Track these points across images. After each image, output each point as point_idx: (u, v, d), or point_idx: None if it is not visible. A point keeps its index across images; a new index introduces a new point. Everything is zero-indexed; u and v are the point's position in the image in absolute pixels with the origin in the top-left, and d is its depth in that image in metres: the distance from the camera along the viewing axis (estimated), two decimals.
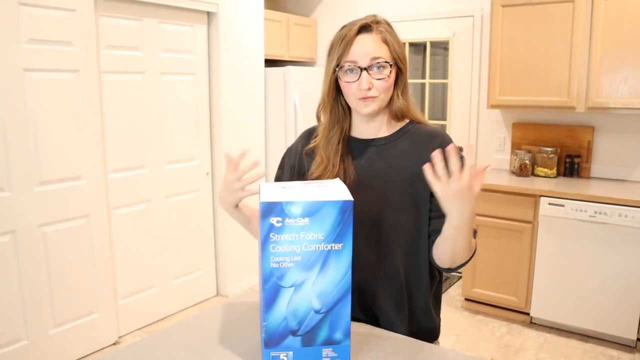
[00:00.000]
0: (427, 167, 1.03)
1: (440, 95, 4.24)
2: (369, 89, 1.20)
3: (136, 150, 3.15)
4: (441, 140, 1.26)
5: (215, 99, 3.60)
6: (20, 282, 2.60)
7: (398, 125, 1.31)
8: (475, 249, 1.22)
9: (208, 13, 3.51)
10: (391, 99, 1.27)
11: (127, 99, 3.06)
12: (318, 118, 1.34)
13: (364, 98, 1.22)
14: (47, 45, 2.61)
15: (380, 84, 1.21)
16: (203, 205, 3.65)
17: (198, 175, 3.59)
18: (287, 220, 0.98)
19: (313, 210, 0.98)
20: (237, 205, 1.27)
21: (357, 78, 1.20)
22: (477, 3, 3.81)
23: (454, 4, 3.92)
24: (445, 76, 4.15)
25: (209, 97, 3.62)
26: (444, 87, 4.16)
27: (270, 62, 4.19)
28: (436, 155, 1.01)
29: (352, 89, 1.22)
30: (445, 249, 1.18)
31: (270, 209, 0.97)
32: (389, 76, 1.21)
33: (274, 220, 0.98)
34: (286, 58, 4.30)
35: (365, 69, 1.19)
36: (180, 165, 3.45)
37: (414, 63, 4.35)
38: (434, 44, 4.17)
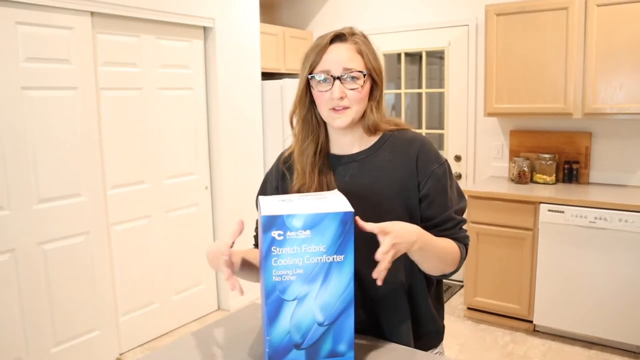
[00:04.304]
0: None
1: (437, 105, 4.25)
2: (342, 98, 1.18)
3: (135, 166, 3.15)
4: (420, 144, 1.24)
5: (213, 113, 3.61)
6: (20, 301, 2.58)
7: (374, 139, 1.28)
8: (463, 257, 1.24)
9: (204, 28, 3.53)
10: (364, 112, 1.24)
11: (126, 114, 3.07)
12: (291, 122, 1.30)
13: (336, 109, 1.20)
14: (44, 64, 2.62)
15: (353, 94, 1.19)
16: (202, 220, 3.64)
17: (197, 189, 3.58)
18: (288, 233, 0.98)
19: (314, 223, 0.98)
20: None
21: (329, 87, 1.19)
22: (471, 12, 3.85)
23: (448, 13, 3.96)
24: (441, 85, 4.17)
25: (207, 111, 3.63)
26: (441, 96, 4.17)
27: (266, 75, 4.20)
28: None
29: (324, 99, 1.20)
30: (423, 268, 1.20)
31: (271, 222, 0.97)
32: (362, 87, 1.19)
33: (275, 233, 0.97)
34: (282, 71, 4.32)
35: (338, 78, 1.18)
36: (180, 179, 3.45)
37: (410, 73, 4.37)
38: (430, 54, 4.19)
